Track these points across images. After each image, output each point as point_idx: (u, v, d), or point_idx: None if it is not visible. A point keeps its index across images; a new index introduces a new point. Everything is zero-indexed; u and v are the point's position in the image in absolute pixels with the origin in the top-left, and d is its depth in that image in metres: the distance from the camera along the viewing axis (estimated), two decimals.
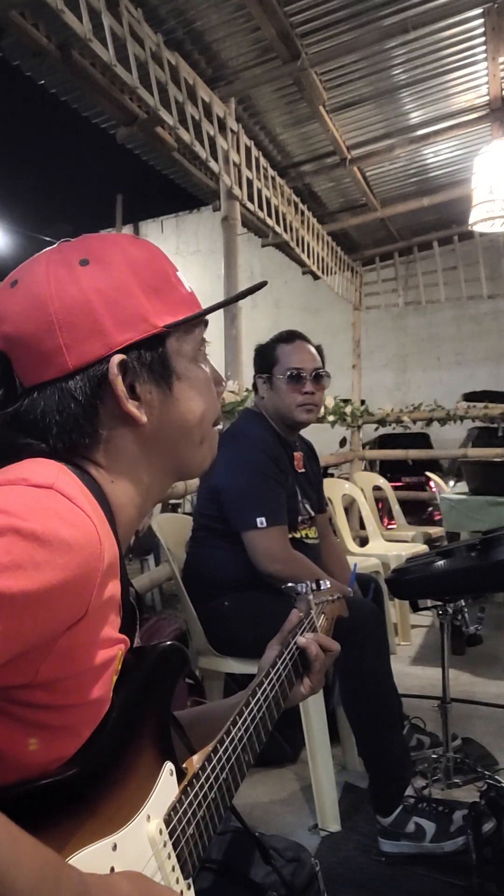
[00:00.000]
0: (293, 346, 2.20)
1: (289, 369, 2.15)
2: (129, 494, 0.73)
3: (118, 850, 0.60)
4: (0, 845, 0.47)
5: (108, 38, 2.23)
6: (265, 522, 1.96)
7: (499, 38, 3.15)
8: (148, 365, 0.72)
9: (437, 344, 10.95)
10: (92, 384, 0.69)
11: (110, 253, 0.73)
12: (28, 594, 0.53)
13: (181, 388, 0.75)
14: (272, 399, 2.19)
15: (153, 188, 9.53)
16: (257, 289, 0.83)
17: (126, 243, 0.75)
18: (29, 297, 0.70)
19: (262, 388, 2.21)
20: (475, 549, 2.02)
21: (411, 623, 3.73)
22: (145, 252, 0.75)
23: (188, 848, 0.68)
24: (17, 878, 0.47)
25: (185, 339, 0.76)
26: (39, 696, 0.58)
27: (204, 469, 0.81)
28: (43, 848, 0.51)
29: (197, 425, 0.77)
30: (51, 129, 25.52)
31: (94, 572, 0.59)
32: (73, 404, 0.69)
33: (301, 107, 3.50)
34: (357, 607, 1.89)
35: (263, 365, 2.21)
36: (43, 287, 0.69)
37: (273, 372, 2.18)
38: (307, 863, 1.00)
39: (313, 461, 2.39)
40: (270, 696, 0.89)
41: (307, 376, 2.16)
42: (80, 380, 0.69)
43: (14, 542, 0.53)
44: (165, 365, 0.74)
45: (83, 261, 0.71)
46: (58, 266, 0.71)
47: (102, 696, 0.64)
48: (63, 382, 0.69)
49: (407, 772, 1.91)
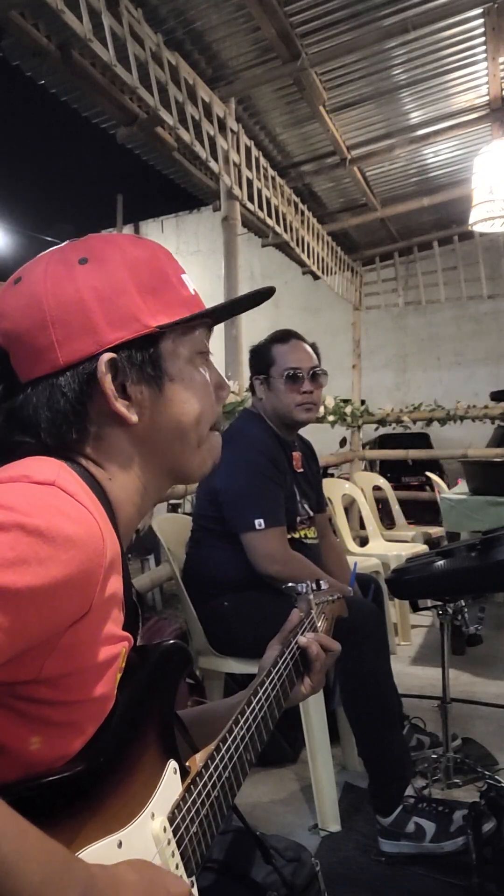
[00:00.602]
0: (289, 345, 2.18)
1: (286, 369, 2.13)
2: (127, 492, 0.73)
3: (123, 847, 0.61)
4: (9, 839, 0.48)
5: (108, 38, 2.23)
6: (264, 524, 1.96)
7: (499, 38, 3.15)
8: (138, 365, 0.72)
9: (437, 344, 10.95)
10: (81, 381, 0.69)
11: (109, 252, 0.73)
12: (33, 589, 0.53)
13: (174, 390, 0.75)
14: (270, 400, 2.17)
15: (153, 188, 9.54)
16: (262, 297, 0.82)
17: (127, 243, 0.75)
18: (27, 293, 0.71)
19: (260, 389, 2.19)
20: (475, 549, 2.02)
21: (411, 623, 3.73)
22: (146, 252, 0.75)
23: (192, 846, 0.69)
24: (27, 870, 0.48)
25: (182, 340, 0.76)
26: (44, 692, 0.58)
27: (204, 473, 0.81)
28: (51, 841, 0.51)
29: (192, 427, 0.77)
30: (51, 129, 25.51)
31: (98, 568, 0.60)
32: (63, 400, 0.69)
33: (301, 107, 3.50)
34: (357, 607, 1.89)
35: (260, 366, 2.19)
36: (40, 284, 0.70)
37: (270, 372, 2.16)
38: (307, 863, 1.00)
39: (312, 461, 2.39)
40: (272, 695, 0.89)
41: (304, 375, 2.14)
42: (69, 376, 0.69)
43: (19, 538, 0.54)
44: (157, 365, 0.73)
45: (82, 259, 0.71)
46: (57, 264, 0.72)
47: (107, 693, 0.64)
48: (54, 378, 0.69)
49: (407, 772, 1.91)
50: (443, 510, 3.12)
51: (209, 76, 3.10)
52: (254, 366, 2.22)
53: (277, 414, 2.18)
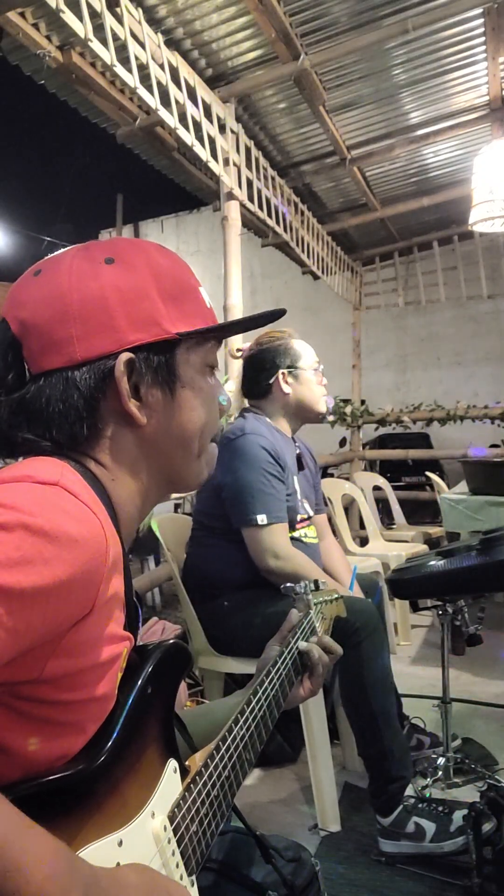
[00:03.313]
0: (301, 340, 2.26)
1: (314, 361, 2.22)
2: (129, 494, 0.74)
3: (123, 846, 0.61)
4: (12, 837, 0.48)
5: (109, 39, 2.23)
6: (266, 519, 1.96)
7: (499, 38, 3.15)
8: (154, 368, 0.73)
9: (437, 344, 10.95)
10: (97, 377, 0.70)
11: (135, 256, 0.74)
12: (37, 589, 0.53)
13: (185, 397, 0.76)
14: (299, 393, 2.19)
15: (153, 188, 9.53)
16: (278, 316, 0.85)
17: (153, 250, 0.77)
18: (49, 285, 0.71)
19: (285, 384, 2.17)
20: (475, 549, 2.02)
21: (411, 623, 3.73)
22: (170, 261, 0.77)
23: (192, 845, 0.69)
24: (30, 869, 0.48)
25: (196, 350, 0.77)
26: (45, 692, 0.58)
27: (199, 483, 0.82)
28: (54, 840, 0.52)
29: (196, 436, 0.78)
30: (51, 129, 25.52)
31: (101, 568, 0.60)
32: (76, 395, 0.69)
33: (301, 107, 3.50)
34: (357, 607, 1.89)
35: (285, 361, 2.18)
36: (64, 277, 0.71)
37: (299, 365, 2.19)
38: (307, 862, 1.00)
39: (311, 461, 2.39)
40: (271, 695, 0.89)
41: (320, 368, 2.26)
42: (85, 371, 0.70)
43: (23, 538, 0.54)
44: (171, 371, 0.74)
45: (108, 259, 0.72)
46: (82, 260, 0.72)
47: (108, 693, 0.64)
48: (69, 372, 0.69)
49: (407, 772, 1.91)
50: (443, 510, 3.12)
51: (209, 76, 3.10)
52: (276, 362, 2.19)
53: (303, 406, 2.21)
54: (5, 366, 0.71)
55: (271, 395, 2.21)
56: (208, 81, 3.05)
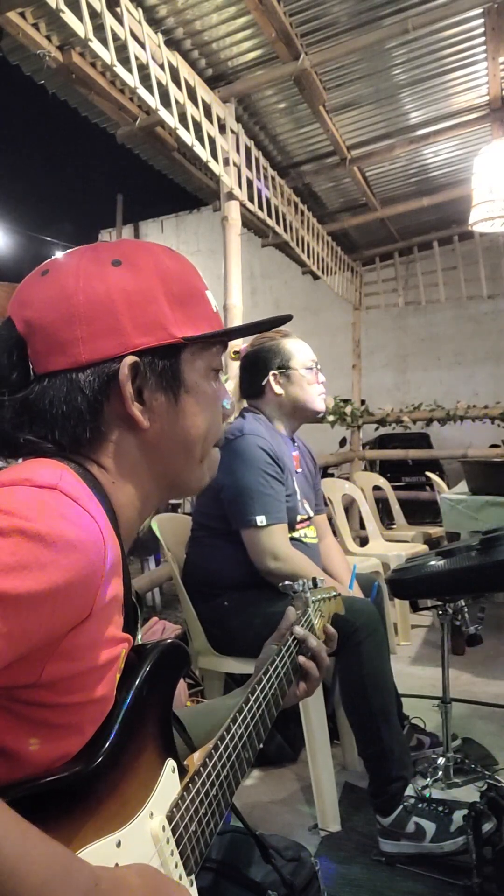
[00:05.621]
0: (297, 340, 2.24)
1: (308, 361, 2.20)
2: (129, 496, 0.73)
3: (122, 846, 0.61)
4: (10, 840, 0.48)
5: (109, 39, 2.23)
6: (265, 520, 1.96)
7: (499, 38, 3.15)
8: (159, 372, 0.73)
9: (437, 344, 10.96)
10: (101, 380, 0.69)
11: (143, 259, 0.74)
12: (33, 595, 0.53)
13: (188, 402, 0.75)
14: (292, 393, 2.18)
15: (153, 188, 9.55)
16: (283, 322, 0.86)
17: (161, 252, 0.76)
18: (56, 286, 0.71)
19: (276, 385, 2.18)
20: (475, 549, 2.02)
21: (411, 623, 3.73)
22: (178, 265, 0.77)
23: (191, 845, 0.69)
24: (29, 872, 0.48)
25: (201, 354, 0.77)
26: (44, 696, 0.58)
27: (201, 487, 0.82)
28: (52, 842, 0.51)
29: (199, 441, 0.77)
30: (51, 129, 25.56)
31: (99, 572, 0.60)
32: (80, 397, 0.69)
33: (301, 107, 3.50)
34: (357, 607, 1.89)
35: (277, 361, 2.19)
36: (71, 279, 0.70)
37: (291, 365, 2.18)
38: (307, 862, 1.00)
39: (311, 461, 2.39)
40: (269, 693, 0.89)
41: (317, 367, 2.24)
42: (90, 373, 0.69)
43: (19, 543, 0.53)
44: (176, 375, 0.74)
45: (115, 261, 0.72)
46: (90, 262, 0.72)
47: (106, 695, 0.64)
48: (73, 374, 0.69)
49: (407, 772, 1.91)
50: (443, 510, 3.12)
51: (209, 76, 3.10)
52: (268, 363, 2.20)
53: (298, 406, 2.20)
54: (10, 365, 0.70)
55: (265, 396, 2.21)
56: (208, 81, 3.05)
